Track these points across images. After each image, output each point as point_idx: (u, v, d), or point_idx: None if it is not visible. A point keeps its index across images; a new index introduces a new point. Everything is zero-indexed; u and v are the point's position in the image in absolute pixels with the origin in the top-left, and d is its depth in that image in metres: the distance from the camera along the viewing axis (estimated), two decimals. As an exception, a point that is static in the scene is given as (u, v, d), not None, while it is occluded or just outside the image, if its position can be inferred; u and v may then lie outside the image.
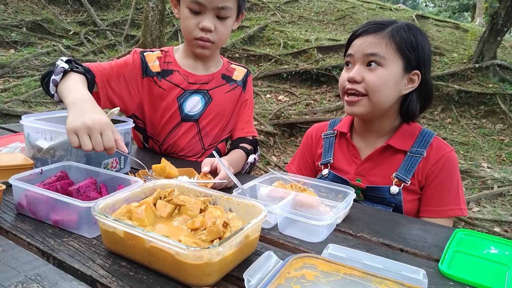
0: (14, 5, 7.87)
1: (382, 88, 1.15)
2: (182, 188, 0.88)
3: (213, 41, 1.31)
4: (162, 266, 0.66)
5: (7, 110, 4.75)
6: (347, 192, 1.00)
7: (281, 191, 1.00)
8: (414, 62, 1.16)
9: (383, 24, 1.17)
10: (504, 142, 6.06)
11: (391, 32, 1.15)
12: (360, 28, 1.21)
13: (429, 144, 1.21)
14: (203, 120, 1.46)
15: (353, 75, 1.17)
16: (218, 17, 1.28)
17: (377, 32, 1.16)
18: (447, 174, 1.19)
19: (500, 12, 7.20)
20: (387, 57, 1.14)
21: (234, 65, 1.56)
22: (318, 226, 0.84)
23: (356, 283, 0.63)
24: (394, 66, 1.15)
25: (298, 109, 6.22)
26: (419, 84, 1.18)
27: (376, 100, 1.17)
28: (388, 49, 1.14)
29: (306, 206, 0.96)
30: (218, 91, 1.47)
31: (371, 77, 1.15)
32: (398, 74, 1.15)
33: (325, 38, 8.75)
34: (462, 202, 1.18)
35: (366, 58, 1.16)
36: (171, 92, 1.42)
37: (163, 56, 1.45)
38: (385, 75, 1.15)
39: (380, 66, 1.15)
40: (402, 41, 1.15)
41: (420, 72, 1.17)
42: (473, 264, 0.78)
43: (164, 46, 2.23)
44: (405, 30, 1.16)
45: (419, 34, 1.17)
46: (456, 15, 20.09)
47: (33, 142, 1.10)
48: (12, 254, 0.71)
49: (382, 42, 1.15)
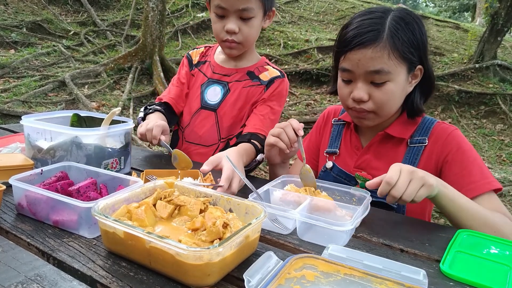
0: (14, 6, 7.88)
1: (391, 102, 1.09)
2: (182, 188, 0.88)
3: (238, 42, 1.38)
4: (162, 266, 0.66)
5: (7, 110, 4.75)
6: (363, 196, 0.97)
7: (294, 195, 0.97)
8: (416, 60, 1.08)
9: (377, 29, 1.03)
10: (505, 142, 6.06)
11: (390, 39, 1.03)
12: (353, 39, 1.05)
13: (430, 131, 1.15)
14: (220, 111, 1.51)
15: (360, 96, 1.07)
16: (242, 18, 1.34)
17: (375, 42, 1.02)
18: (458, 151, 1.11)
19: (500, 12, 7.20)
20: (392, 70, 1.04)
21: (270, 66, 1.55)
22: (338, 232, 0.81)
23: (356, 283, 0.63)
24: (400, 75, 1.06)
25: (298, 109, 6.22)
26: (421, 78, 1.12)
27: (385, 113, 1.12)
28: (391, 61, 1.03)
29: (322, 210, 0.93)
30: (237, 84, 1.51)
31: (379, 95, 1.06)
32: (404, 80, 1.08)
33: (325, 38, 8.75)
34: (489, 175, 1.08)
35: (370, 76, 1.05)
36: (197, 78, 1.56)
37: (205, 50, 1.63)
38: (393, 89, 1.06)
39: (387, 81, 1.05)
40: (404, 45, 1.04)
41: (423, 65, 1.10)
42: (474, 264, 0.78)
43: (163, 47, 2.33)
44: (403, 28, 1.04)
45: (415, 24, 1.06)
46: (456, 15, 20.08)
47: (33, 143, 1.10)
48: (12, 254, 0.71)
49: (384, 55, 1.02)
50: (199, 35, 8.85)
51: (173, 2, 9.73)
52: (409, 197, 0.91)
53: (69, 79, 5.70)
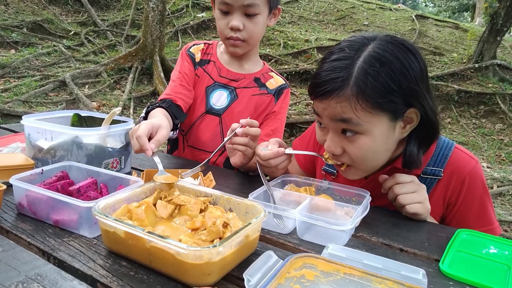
0: (14, 6, 7.88)
1: (369, 157, 0.93)
2: (182, 188, 0.88)
3: (243, 39, 1.34)
4: (162, 266, 0.67)
5: (8, 110, 4.75)
6: (362, 195, 0.97)
7: (295, 195, 0.97)
8: (403, 106, 0.88)
9: (341, 77, 0.85)
10: (504, 141, 6.06)
11: (356, 87, 0.84)
12: (314, 88, 0.91)
13: (446, 161, 1.01)
14: (226, 117, 1.46)
15: (330, 149, 0.95)
16: (247, 15, 1.31)
17: (339, 91, 0.85)
18: (471, 193, 1.02)
19: (500, 12, 7.21)
20: (364, 121, 0.86)
21: (274, 73, 1.54)
22: (338, 231, 0.82)
23: (356, 283, 0.63)
24: (377, 126, 0.88)
25: (298, 109, 6.22)
26: (419, 120, 0.92)
27: (366, 168, 0.98)
28: (359, 112, 0.85)
29: (322, 210, 0.93)
30: (245, 91, 1.47)
31: (353, 150, 0.91)
32: (385, 131, 0.89)
33: (325, 38, 8.76)
34: (494, 220, 1.03)
35: (338, 124, 0.90)
36: (202, 80, 1.48)
37: (206, 47, 1.54)
38: (368, 143, 0.89)
39: (358, 133, 0.89)
40: (376, 93, 0.84)
41: (417, 108, 0.89)
42: (474, 264, 0.78)
43: (164, 47, 2.27)
44: (376, 71, 0.84)
45: (398, 61, 0.85)
46: (456, 15, 20.09)
47: (34, 142, 1.10)
48: (13, 254, 0.71)
49: (348, 106, 0.85)
50: (199, 35, 8.86)
51: (173, 2, 9.74)
52: (405, 201, 0.95)
53: (70, 79, 5.71)
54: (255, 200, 0.85)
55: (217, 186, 1.10)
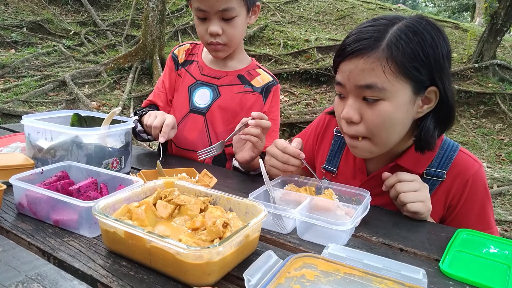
0: (14, 5, 7.88)
1: (387, 127, 0.91)
2: (182, 188, 0.88)
3: (224, 43, 1.33)
4: (162, 265, 0.67)
5: (8, 110, 4.75)
6: (362, 195, 0.97)
7: (295, 195, 0.97)
8: (427, 79, 0.89)
9: (375, 37, 0.87)
10: (504, 141, 6.07)
11: (388, 49, 0.86)
12: (346, 47, 0.91)
13: (450, 164, 1.01)
14: (210, 115, 1.45)
15: (348, 115, 0.93)
16: (224, 19, 1.29)
17: (369, 51, 0.87)
18: (472, 196, 1.02)
19: (500, 12, 7.21)
20: (388, 86, 0.87)
21: (261, 70, 1.51)
22: (338, 231, 0.81)
23: (356, 282, 0.63)
24: (400, 94, 0.89)
25: (298, 109, 6.23)
26: (437, 102, 0.93)
27: (381, 142, 0.95)
28: (388, 75, 0.86)
29: (322, 210, 0.92)
30: (228, 89, 1.45)
31: (371, 116, 0.90)
32: (407, 102, 0.90)
33: (325, 38, 8.76)
34: (493, 224, 1.03)
35: (361, 91, 0.90)
36: (185, 80, 1.49)
37: (192, 47, 1.55)
38: (389, 110, 0.89)
39: (380, 100, 0.89)
40: (406, 57, 0.86)
41: (438, 87, 0.90)
42: (474, 264, 0.78)
43: (164, 46, 2.28)
44: (409, 38, 0.87)
45: (429, 35, 0.88)
46: (456, 15, 20.10)
47: (34, 142, 1.10)
48: (13, 254, 0.71)
49: (378, 68, 0.86)
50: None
51: (173, 2, 9.74)
52: (406, 199, 0.95)
53: (70, 78, 5.71)
54: (255, 200, 0.85)
55: (217, 186, 1.10)
